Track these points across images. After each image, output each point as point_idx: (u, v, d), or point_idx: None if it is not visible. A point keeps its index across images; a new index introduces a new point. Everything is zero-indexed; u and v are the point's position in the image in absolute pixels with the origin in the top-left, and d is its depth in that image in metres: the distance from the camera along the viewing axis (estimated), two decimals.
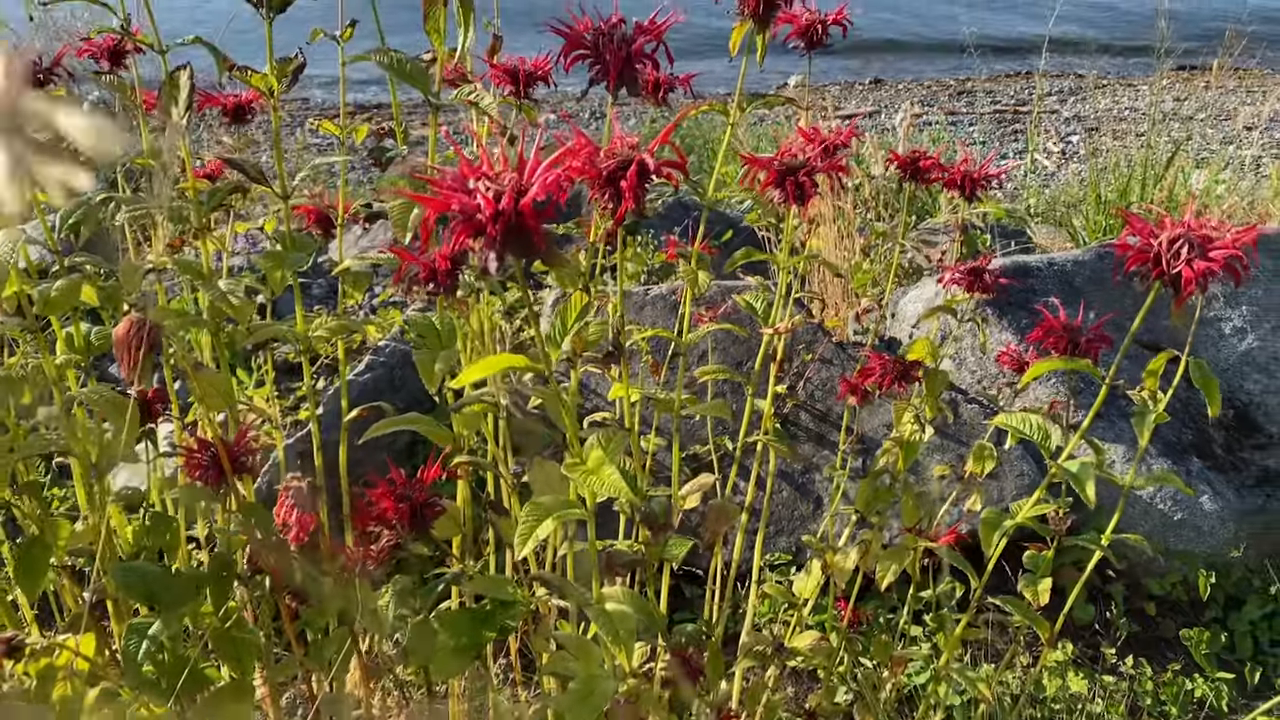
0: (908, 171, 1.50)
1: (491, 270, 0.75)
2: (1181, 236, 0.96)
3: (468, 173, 0.77)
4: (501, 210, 0.72)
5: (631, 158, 0.92)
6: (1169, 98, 7.43)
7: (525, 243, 0.74)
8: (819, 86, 8.21)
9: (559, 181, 0.75)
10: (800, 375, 2.51)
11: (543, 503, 0.94)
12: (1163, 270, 0.95)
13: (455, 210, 0.73)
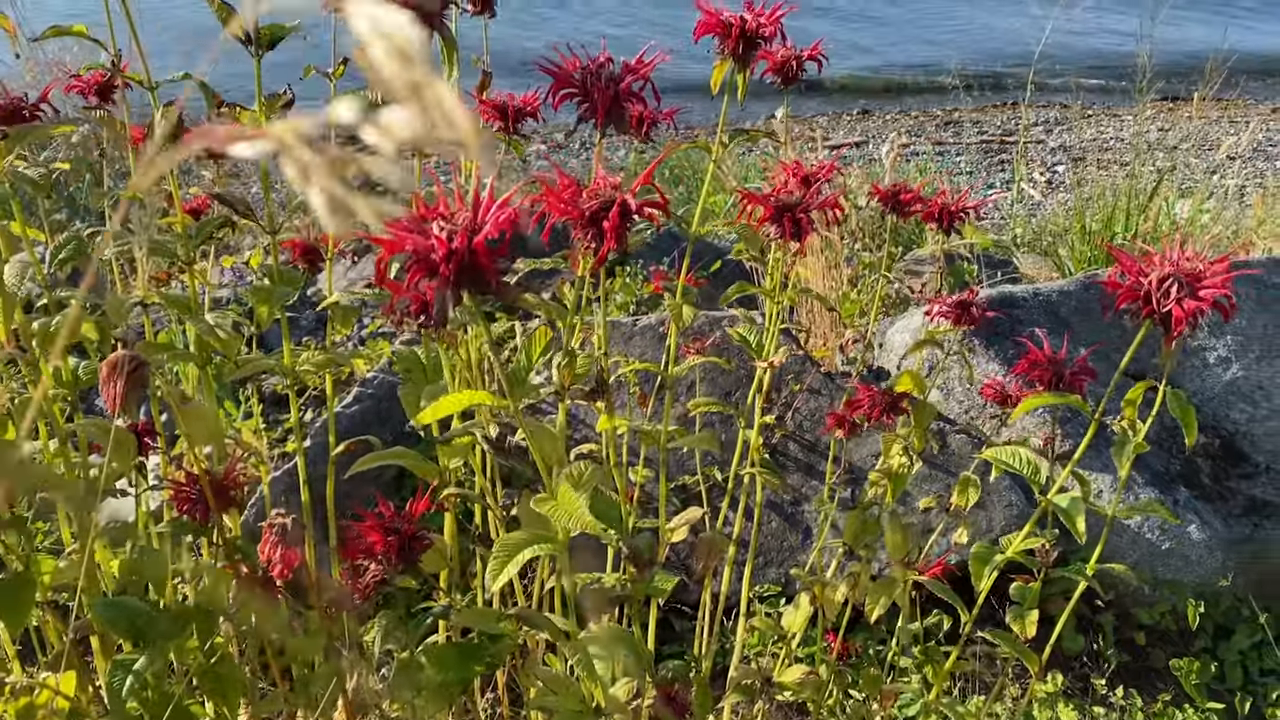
0: (889, 204, 1.52)
1: (448, 309, 0.76)
2: (1171, 275, 0.97)
3: (424, 213, 0.79)
4: (454, 250, 0.73)
5: (614, 198, 0.93)
6: (1153, 128, 7.52)
7: (479, 281, 0.76)
8: (807, 118, 8.28)
9: (512, 219, 0.76)
10: (789, 405, 2.52)
11: (512, 539, 0.94)
12: (1153, 309, 0.96)
13: (409, 250, 0.74)
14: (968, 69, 8.37)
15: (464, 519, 2.06)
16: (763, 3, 1.28)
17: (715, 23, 1.28)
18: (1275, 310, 2.62)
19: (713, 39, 1.32)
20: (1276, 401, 2.48)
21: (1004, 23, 9.38)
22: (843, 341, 2.70)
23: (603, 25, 9.68)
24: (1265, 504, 2.32)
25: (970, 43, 9.40)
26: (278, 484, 2.25)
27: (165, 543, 1.63)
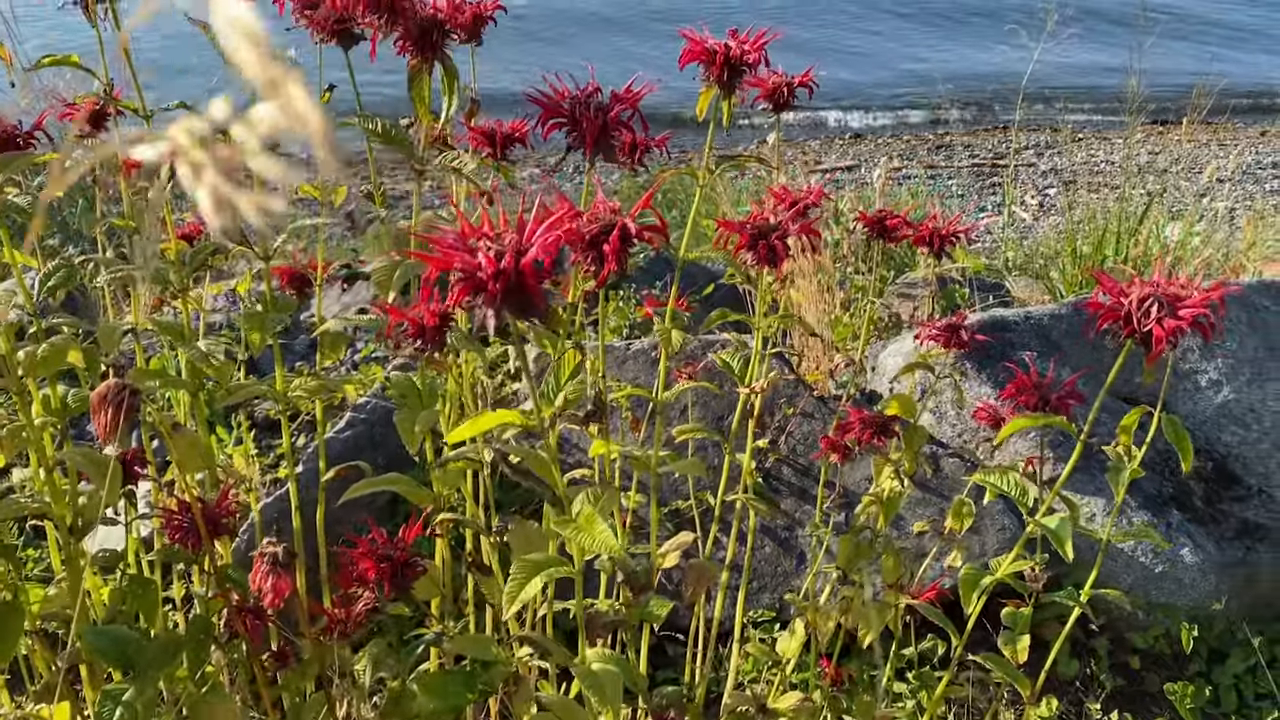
0: (875, 230, 1.52)
1: (490, 328, 0.76)
2: (1151, 295, 0.97)
3: (469, 232, 0.79)
4: (503, 269, 0.74)
5: (614, 222, 0.94)
6: (1143, 151, 7.57)
7: (525, 302, 0.76)
8: (799, 141, 8.33)
9: (558, 243, 0.76)
10: (782, 429, 2.52)
11: (531, 560, 0.94)
12: (1134, 328, 0.97)
13: (457, 268, 0.75)
14: (956, 96, 8.44)
15: (455, 544, 2.05)
16: (747, 31, 1.29)
17: (700, 51, 1.29)
18: (1266, 333, 2.63)
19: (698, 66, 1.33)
20: (1268, 424, 2.48)
21: (988, 55, 9.47)
22: (834, 367, 2.71)
23: (602, 64, 9.76)
24: (1258, 527, 2.33)
25: (956, 73, 9.47)
26: (269, 510, 2.25)
27: (156, 571, 1.63)
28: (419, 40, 1.08)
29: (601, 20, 11.01)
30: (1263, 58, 10.67)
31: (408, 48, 1.09)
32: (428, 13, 1.08)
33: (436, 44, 1.08)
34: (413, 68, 1.09)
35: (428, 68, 1.09)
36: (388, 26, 1.07)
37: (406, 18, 1.07)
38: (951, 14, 11.42)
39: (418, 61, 1.08)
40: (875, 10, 10.92)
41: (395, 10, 1.06)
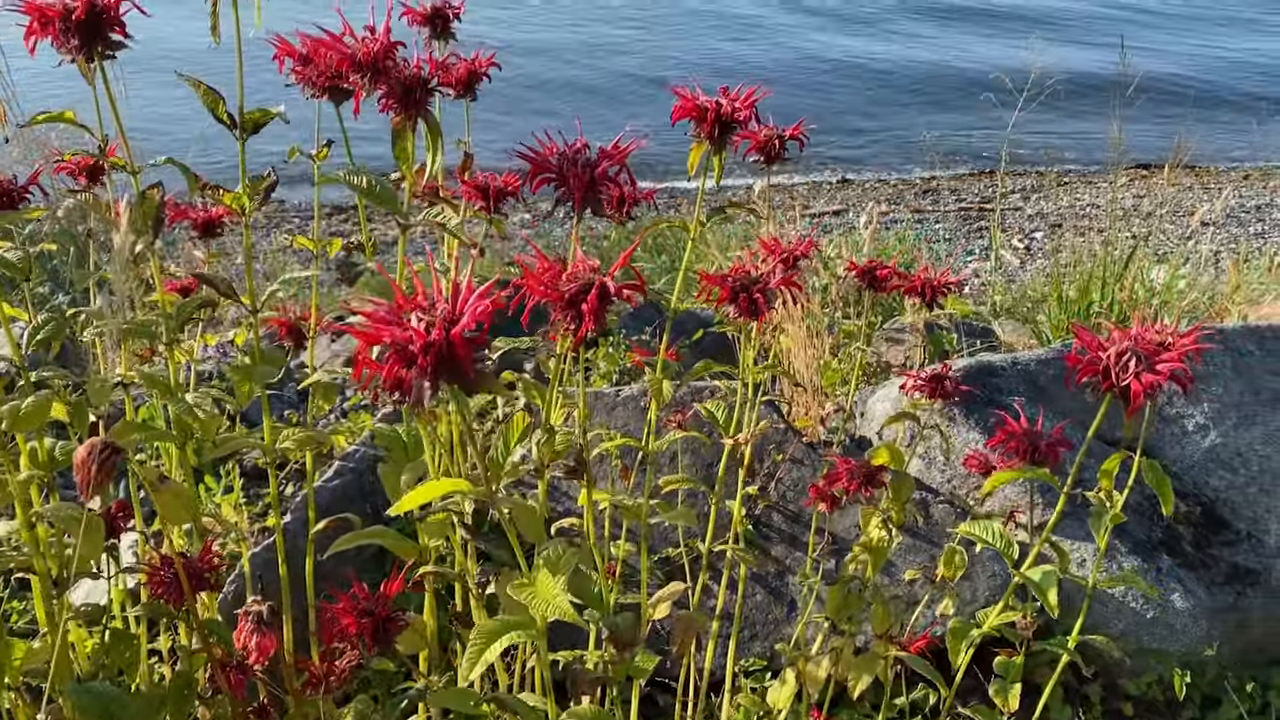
0: (866, 280, 1.54)
1: (425, 400, 0.77)
2: (1129, 350, 0.98)
3: (403, 303, 0.80)
4: (432, 342, 0.75)
5: (593, 281, 0.95)
6: (1129, 195, 7.65)
7: (456, 371, 0.77)
8: (788, 186, 8.40)
9: (489, 311, 0.77)
10: (771, 476, 2.52)
11: (489, 626, 0.94)
12: (1112, 383, 0.98)
13: (387, 342, 0.76)
14: (942, 144, 8.55)
15: (445, 593, 2.04)
16: (737, 89, 1.31)
17: (692, 107, 1.31)
18: (1250, 377, 2.65)
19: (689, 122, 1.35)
20: (1255, 468, 2.49)
21: (972, 120, 9.62)
22: (824, 414, 2.71)
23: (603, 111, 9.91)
24: (1247, 571, 2.33)
25: (942, 122, 9.61)
26: (257, 560, 2.23)
27: (140, 625, 1.61)
28: (402, 98, 1.09)
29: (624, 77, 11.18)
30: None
31: (391, 105, 1.11)
32: (411, 72, 1.10)
33: (420, 102, 1.09)
34: (396, 125, 1.11)
35: (411, 125, 1.11)
36: (372, 85, 1.09)
37: (389, 77, 1.09)
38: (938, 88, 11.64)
39: (401, 119, 1.10)
40: (859, 81, 11.14)
41: (378, 70, 1.08)
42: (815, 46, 11.99)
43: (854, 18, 13.46)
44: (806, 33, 12.62)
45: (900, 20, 13.22)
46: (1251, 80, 11.28)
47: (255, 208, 1.34)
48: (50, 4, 1.17)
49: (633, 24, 12.55)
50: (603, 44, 12.01)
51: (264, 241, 6.93)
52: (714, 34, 12.38)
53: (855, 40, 12.42)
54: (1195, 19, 13.65)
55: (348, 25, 1.14)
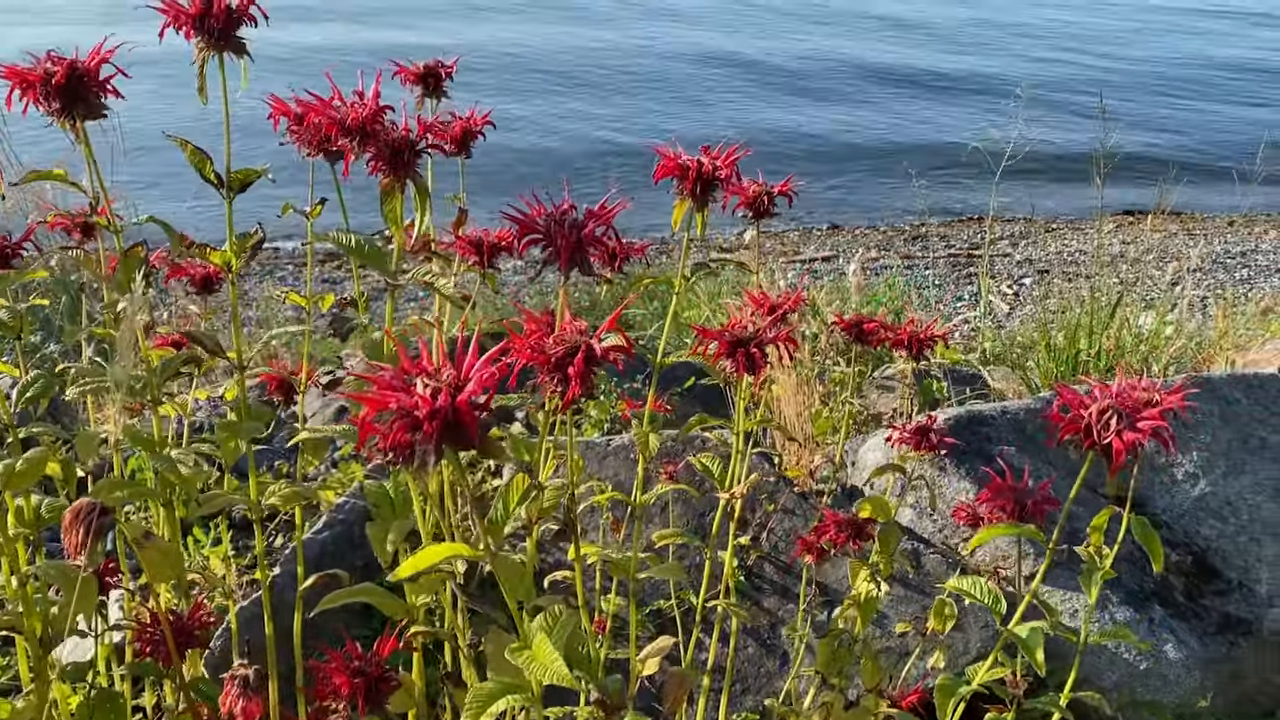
0: (854, 334, 1.55)
1: (429, 465, 0.77)
2: (1110, 407, 0.99)
3: (408, 367, 0.80)
4: (438, 408, 0.75)
5: (579, 344, 0.95)
6: (1116, 241, 7.72)
7: (461, 437, 0.77)
8: (778, 233, 8.46)
9: (495, 378, 0.78)
10: (763, 526, 2.51)
11: (485, 690, 0.93)
12: (1094, 441, 0.99)
13: (393, 408, 0.76)
14: (931, 191, 8.63)
15: (433, 648, 2.02)
16: (718, 147, 1.33)
17: (674, 166, 1.33)
18: (1238, 425, 2.66)
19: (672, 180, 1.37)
20: (1245, 517, 2.50)
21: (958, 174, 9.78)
22: (813, 467, 2.72)
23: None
24: (1240, 621, 2.32)
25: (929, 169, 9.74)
26: (245, 613, 2.21)
27: (126, 683, 1.60)
28: (390, 161, 1.11)
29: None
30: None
31: (380, 168, 1.12)
32: (399, 134, 1.12)
33: (408, 164, 1.11)
34: (385, 186, 1.12)
35: (400, 186, 1.12)
36: (360, 148, 1.10)
37: (378, 140, 1.11)
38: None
39: (390, 181, 1.11)
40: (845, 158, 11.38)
41: (367, 133, 1.09)
42: (801, 119, 12.19)
43: (834, 91, 13.71)
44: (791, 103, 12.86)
45: (872, 90, 13.45)
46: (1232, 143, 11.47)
47: (242, 265, 1.35)
48: (30, 69, 1.19)
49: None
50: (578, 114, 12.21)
51: (257, 289, 6.95)
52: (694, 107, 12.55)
53: (838, 107, 12.66)
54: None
55: (336, 90, 1.15)
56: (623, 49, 13.97)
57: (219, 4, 1.23)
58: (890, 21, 16.61)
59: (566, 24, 15.33)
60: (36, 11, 13.72)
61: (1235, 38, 16.88)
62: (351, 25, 14.22)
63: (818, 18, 16.84)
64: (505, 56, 13.09)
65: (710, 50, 14.24)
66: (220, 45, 1.25)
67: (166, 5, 1.25)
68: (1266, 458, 2.61)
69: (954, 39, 15.53)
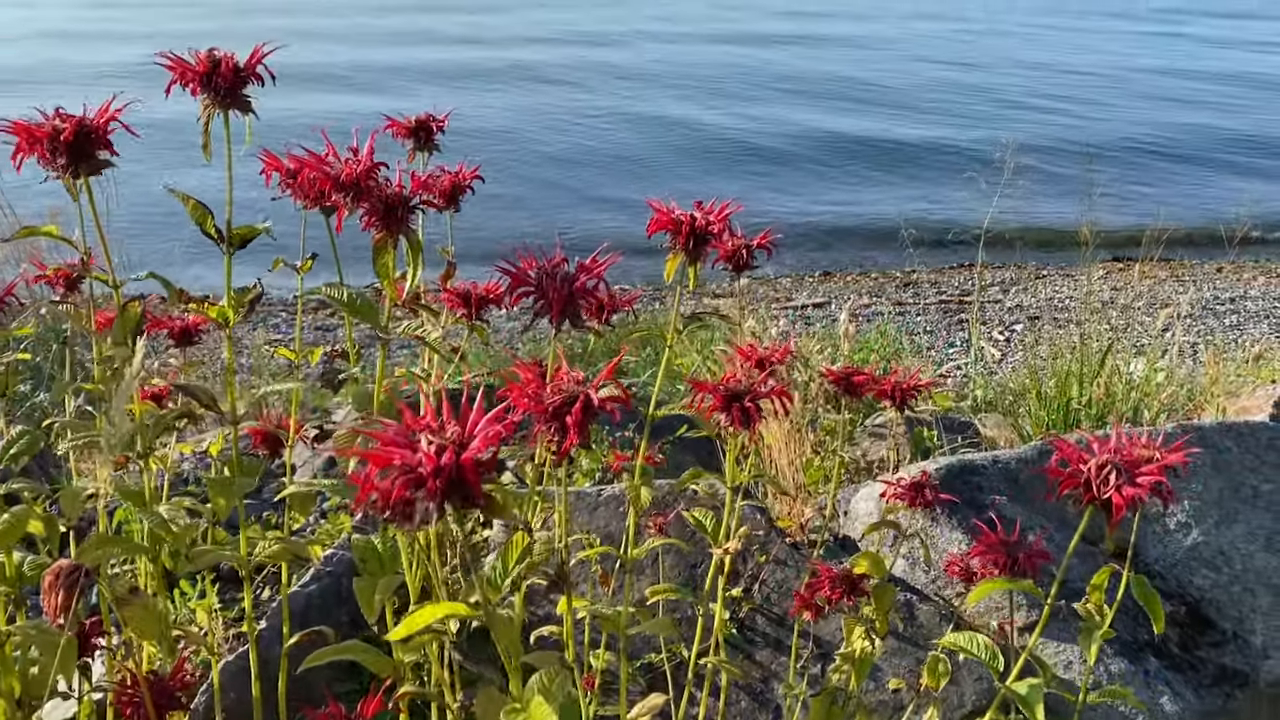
0: (842, 387, 1.55)
1: (431, 522, 0.76)
2: (1109, 463, 0.99)
3: (411, 423, 0.80)
4: (443, 466, 0.74)
5: (577, 394, 0.95)
6: (1105, 287, 7.78)
7: (466, 495, 0.76)
8: (770, 279, 8.50)
9: (500, 436, 0.77)
10: (755, 577, 2.49)
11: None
12: (1094, 495, 0.99)
13: (396, 464, 0.75)
14: (919, 234, 8.70)
15: (420, 702, 1.99)
16: (711, 202, 1.34)
17: (667, 220, 1.33)
18: (1229, 474, 2.66)
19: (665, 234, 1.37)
20: (1239, 567, 2.49)
21: (950, 199, 9.87)
22: (805, 520, 2.70)
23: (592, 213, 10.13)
24: (1235, 673, 2.30)
25: (919, 216, 9.82)
26: (229, 669, 2.18)
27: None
28: (384, 217, 1.11)
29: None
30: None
31: (373, 223, 1.12)
32: (392, 190, 1.12)
33: (401, 220, 1.11)
34: (377, 241, 1.12)
35: (392, 242, 1.12)
36: (354, 204, 1.11)
37: (371, 195, 1.11)
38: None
39: (382, 235, 1.12)
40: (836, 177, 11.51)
41: (361, 189, 1.10)
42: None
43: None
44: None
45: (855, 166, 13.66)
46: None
47: (239, 319, 1.34)
48: (39, 124, 1.19)
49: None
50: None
51: (250, 336, 6.94)
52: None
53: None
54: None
55: (331, 147, 1.16)
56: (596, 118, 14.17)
57: (227, 63, 1.24)
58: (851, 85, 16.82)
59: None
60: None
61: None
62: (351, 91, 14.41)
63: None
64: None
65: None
66: (226, 104, 1.26)
67: (174, 63, 1.26)
68: (1259, 507, 2.61)
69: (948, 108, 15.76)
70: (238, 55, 1.22)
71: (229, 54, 1.22)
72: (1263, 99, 15.78)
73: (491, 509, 0.77)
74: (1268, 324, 7.07)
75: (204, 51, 1.21)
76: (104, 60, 15.08)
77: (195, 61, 1.21)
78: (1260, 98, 15.87)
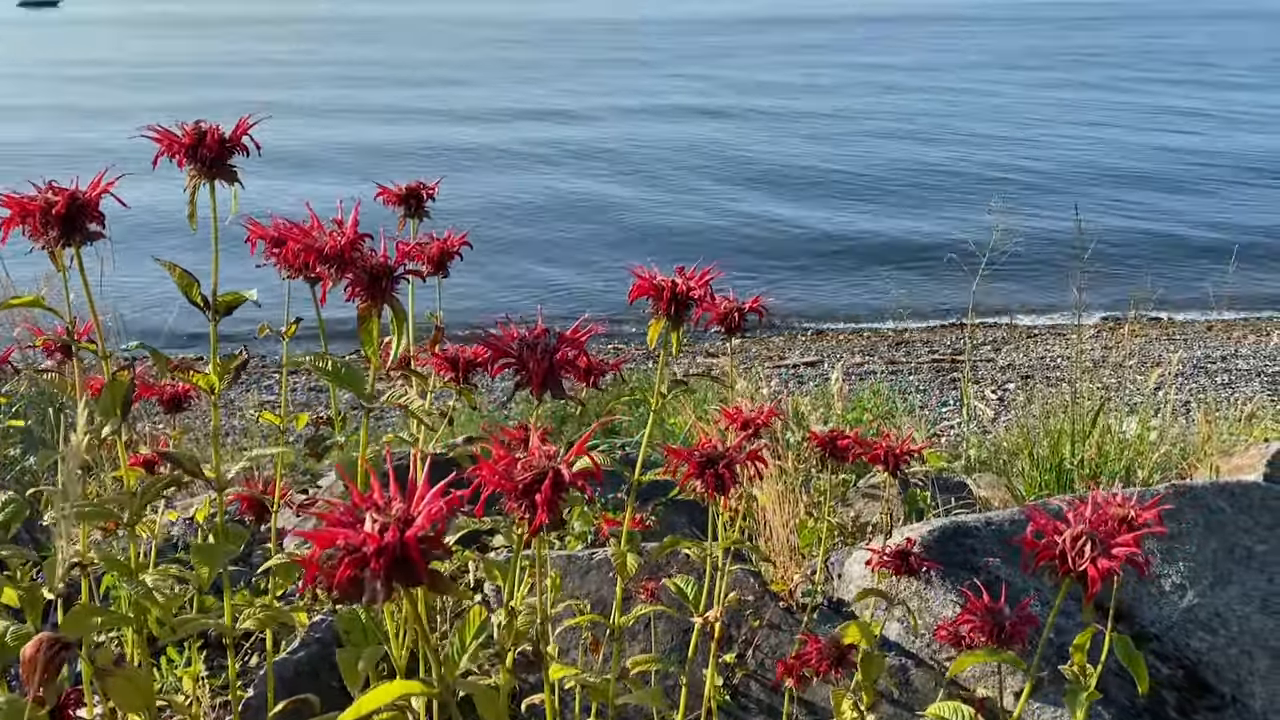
0: (828, 451, 1.56)
1: (378, 600, 0.76)
2: (1084, 534, 0.99)
3: (358, 501, 0.80)
4: (386, 545, 0.75)
5: (547, 470, 0.95)
6: (1097, 345, 7.81)
7: (410, 575, 0.76)
8: (764, 338, 8.54)
9: (443, 512, 0.77)
10: (749, 643, 2.47)
11: None
12: (1069, 568, 0.99)
13: (340, 545, 0.75)
14: (911, 303, 8.78)
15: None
16: (693, 268, 1.36)
17: (649, 286, 1.35)
18: (1224, 535, 2.65)
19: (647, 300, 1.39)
20: (1235, 629, 2.47)
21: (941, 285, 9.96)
22: (792, 586, 2.69)
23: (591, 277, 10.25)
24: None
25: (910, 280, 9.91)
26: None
27: None
28: (368, 287, 1.12)
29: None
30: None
31: (357, 293, 1.14)
32: (377, 260, 1.13)
33: (385, 290, 1.13)
34: (362, 310, 1.13)
35: (377, 311, 1.14)
36: (338, 275, 1.12)
37: (355, 266, 1.12)
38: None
39: (367, 305, 1.13)
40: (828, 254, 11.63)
41: (345, 261, 1.11)
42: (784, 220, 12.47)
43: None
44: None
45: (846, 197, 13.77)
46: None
47: (225, 386, 1.35)
48: (31, 198, 1.21)
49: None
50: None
51: (243, 398, 6.94)
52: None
53: (819, 210, 12.95)
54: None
55: (315, 218, 1.18)
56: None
57: (212, 135, 1.27)
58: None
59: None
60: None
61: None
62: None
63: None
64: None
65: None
66: (212, 174, 1.28)
67: (160, 135, 1.28)
68: (1253, 568, 2.60)
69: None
70: (222, 127, 1.25)
71: (214, 126, 1.24)
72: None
73: (437, 586, 0.77)
74: (1259, 382, 7.09)
75: (190, 124, 1.23)
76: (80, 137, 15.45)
77: (181, 133, 1.23)
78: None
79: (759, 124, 18.73)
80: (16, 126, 17.75)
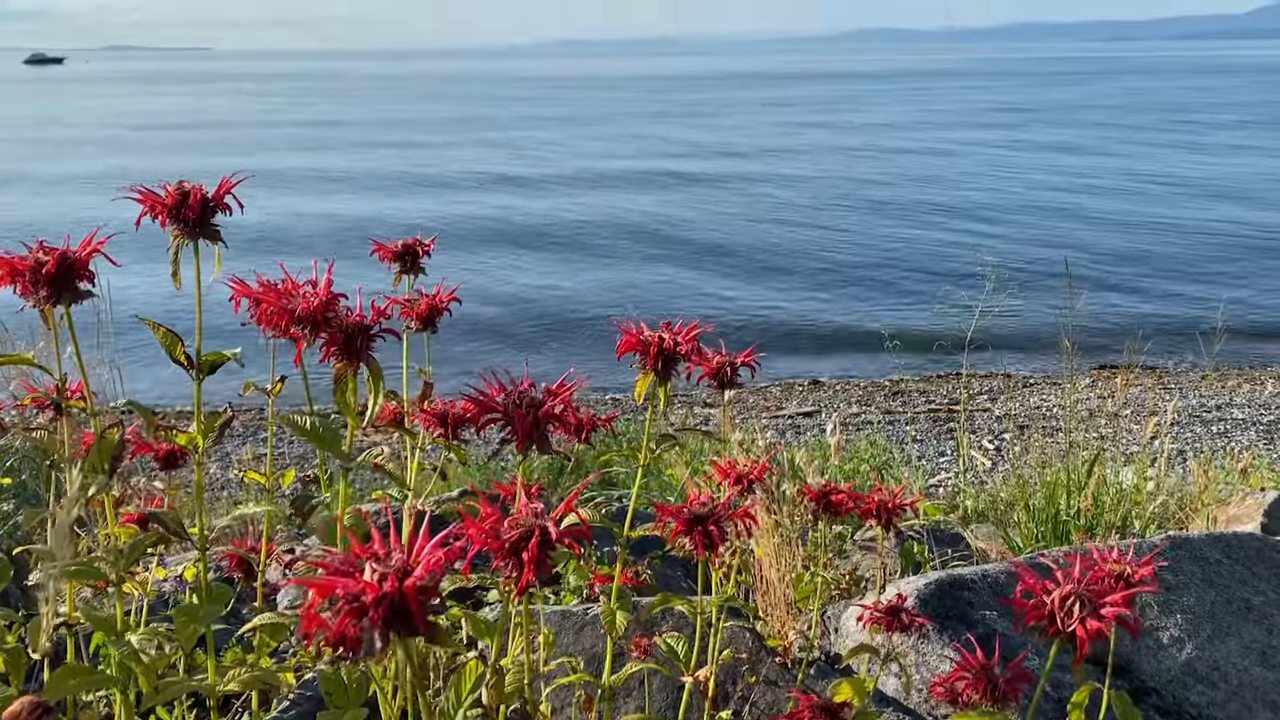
0: (821, 505, 1.55)
1: (374, 652, 0.75)
2: (1073, 594, 0.99)
3: (358, 551, 0.80)
4: (384, 595, 0.74)
5: (534, 528, 0.95)
6: (1093, 395, 7.81)
7: (407, 624, 0.76)
8: (761, 388, 8.54)
9: (441, 563, 0.77)
10: (745, 699, 2.44)
11: None
12: (1058, 629, 0.98)
13: (339, 594, 0.75)
14: (905, 348, 8.78)
15: None
16: (679, 323, 1.36)
17: (636, 341, 1.35)
18: (1221, 587, 2.63)
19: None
20: (1234, 683, 2.44)
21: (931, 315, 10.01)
22: (787, 643, 2.67)
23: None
24: None
25: (903, 327, 9.95)
26: None
27: None
28: (344, 347, 1.12)
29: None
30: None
31: (332, 353, 1.14)
32: (353, 321, 1.14)
33: (361, 350, 1.13)
34: (338, 371, 1.13)
35: (353, 371, 1.13)
36: (313, 336, 1.12)
37: (331, 327, 1.12)
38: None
39: (343, 366, 1.13)
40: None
41: (318, 323, 1.11)
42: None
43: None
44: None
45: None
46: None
47: (209, 445, 1.35)
48: (20, 258, 1.21)
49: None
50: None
51: (240, 449, 6.91)
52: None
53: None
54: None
55: (289, 279, 1.18)
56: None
57: (195, 196, 1.28)
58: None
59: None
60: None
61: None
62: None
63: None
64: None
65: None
66: (195, 234, 1.28)
67: (143, 196, 1.29)
68: (1251, 620, 2.58)
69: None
70: (205, 187, 1.25)
71: (197, 186, 1.24)
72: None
73: (434, 637, 0.76)
74: (1254, 431, 7.09)
75: (173, 184, 1.24)
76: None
77: (165, 194, 1.24)
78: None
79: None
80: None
